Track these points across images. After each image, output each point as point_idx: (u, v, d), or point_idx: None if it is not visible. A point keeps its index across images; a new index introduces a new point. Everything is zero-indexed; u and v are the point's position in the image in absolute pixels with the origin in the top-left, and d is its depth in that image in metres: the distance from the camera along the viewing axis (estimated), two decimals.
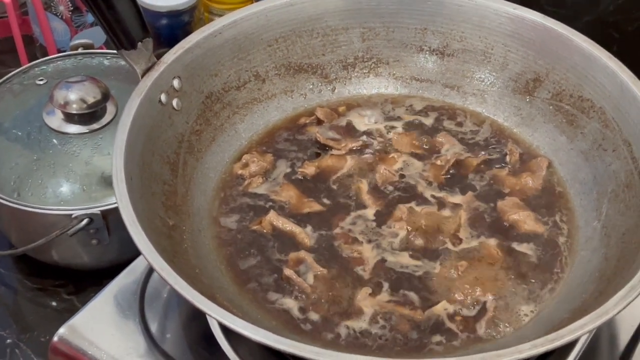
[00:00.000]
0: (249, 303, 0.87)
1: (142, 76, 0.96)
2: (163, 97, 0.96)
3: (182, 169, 0.98)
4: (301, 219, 0.97)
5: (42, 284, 1.25)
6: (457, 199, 0.99)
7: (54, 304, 1.22)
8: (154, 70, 0.96)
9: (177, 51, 0.99)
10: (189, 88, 1.01)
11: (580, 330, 0.72)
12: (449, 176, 1.01)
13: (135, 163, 0.89)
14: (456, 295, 0.87)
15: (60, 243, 1.14)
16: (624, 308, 0.73)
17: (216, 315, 0.73)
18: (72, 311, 1.21)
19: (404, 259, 0.91)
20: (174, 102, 0.98)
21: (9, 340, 1.17)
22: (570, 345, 0.87)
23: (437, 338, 0.84)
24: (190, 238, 0.92)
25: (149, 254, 0.78)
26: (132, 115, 0.91)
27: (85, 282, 1.24)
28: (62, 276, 1.25)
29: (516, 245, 0.93)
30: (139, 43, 0.95)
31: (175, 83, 0.99)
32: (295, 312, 0.87)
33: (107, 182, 1.15)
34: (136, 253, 1.09)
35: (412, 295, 0.88)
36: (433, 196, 0.99)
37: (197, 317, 0.93)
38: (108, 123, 1.19)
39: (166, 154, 0.96)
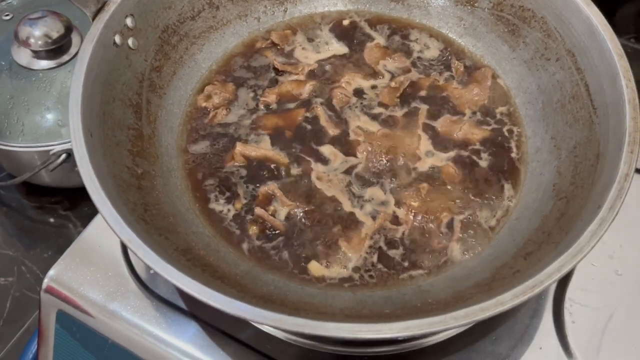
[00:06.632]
0: (225, 245, 0.65)
1: (93, 19, 0.68)
2: (117, 39, 0.69)
3: (146, 110, 0.72)
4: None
5: (40, 202, 1.01)
6: (412, 118, 0.75)
7: (51, 220, 0.99)
8: (104, 12, 0.68)
9: None
10: (144, 24, 0.73)
11: (558, 273, 0.52)
12: (403, 98, 0.77)
13: (95, 115, 0.64)
14: (422, 218, 0.66)
15: (49, 170, 0.89)
16: (596, 242, 0.53)
17: (189, 289, 0.51)
18: (68, 227, 1.00)
19: (373, 191, 0.69)
20: (130, 42, 0.71)
21: (15, 259, 0.95)
22: None
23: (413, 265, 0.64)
24: (162, 183, 0.68)
25: (124, 235, 0.54)
26: (86, 65, 0.64)
27: (79, 197, 1.01)
28: (57, 194, 1.01)
29: (470, 159, 0.72)
30: None
31: (129, 21, 0.71)
32: (271, 251, 0.65)
33: None
34: None
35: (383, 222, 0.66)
36: (390, 116, 0.75)
37: None
38: (75, 54, 0.91)
39: (127, 97, 0.70)
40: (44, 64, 0.89)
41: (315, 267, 0.64)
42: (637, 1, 1.11)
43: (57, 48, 0.89)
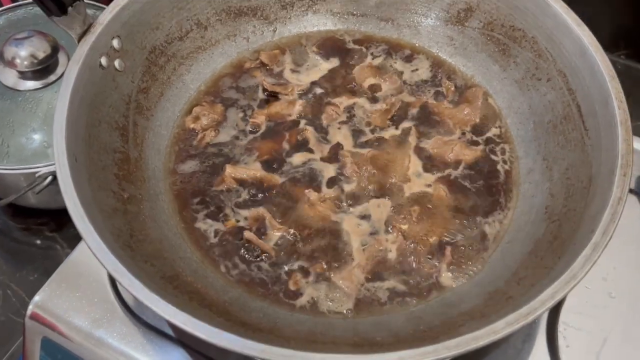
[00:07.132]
0: (213, 270, 0.64)
1: (79, 41, 0.67)
2: (104, 61, 0.68)
3: (132, 132, 0.71)
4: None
5: (26, 224, 0.99)
6: (403, 139, 0.74)
7: (38, 242, 0.97)
8: (90, 34, 0.68)
9: (113, 9, 0.70)
10: (131, 46, 0.72)
11: (552, 300, 0.51)
12: (395, 119, 0.76)
13: (80, 139, 0.62)
14: (413, 242, 0.65)
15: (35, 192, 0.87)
16: (590, 268, 0.53)
17: (177, 321, 0.50)
18: (54, 248, 0.98)
19: (363, 213, 0.68)
20: (116, 63, 0.71)
21: (0, 282, 0.93)
22: None
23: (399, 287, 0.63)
24: (149, 207, 0.67)
25: (108, 263, 0.53)
26: (71, 88, 0.63)
27: (65, 218, 0.98)
28: (43, 215, 0.99)
29: (461, 181, 0.71)
30: (70, 8, 0.65)
31: (115, 43, 0.70)
32: (260, 277, 0.64)
33: None
34: None
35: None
36: (381, 138, 0.74)
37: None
38: (62, 75, 0.89)
39: (114, 119, 0.69)
40: (30, 84, 0.88)
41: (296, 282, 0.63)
42: (627, 17, 1.11)
43: (44, 68, 0.87)
